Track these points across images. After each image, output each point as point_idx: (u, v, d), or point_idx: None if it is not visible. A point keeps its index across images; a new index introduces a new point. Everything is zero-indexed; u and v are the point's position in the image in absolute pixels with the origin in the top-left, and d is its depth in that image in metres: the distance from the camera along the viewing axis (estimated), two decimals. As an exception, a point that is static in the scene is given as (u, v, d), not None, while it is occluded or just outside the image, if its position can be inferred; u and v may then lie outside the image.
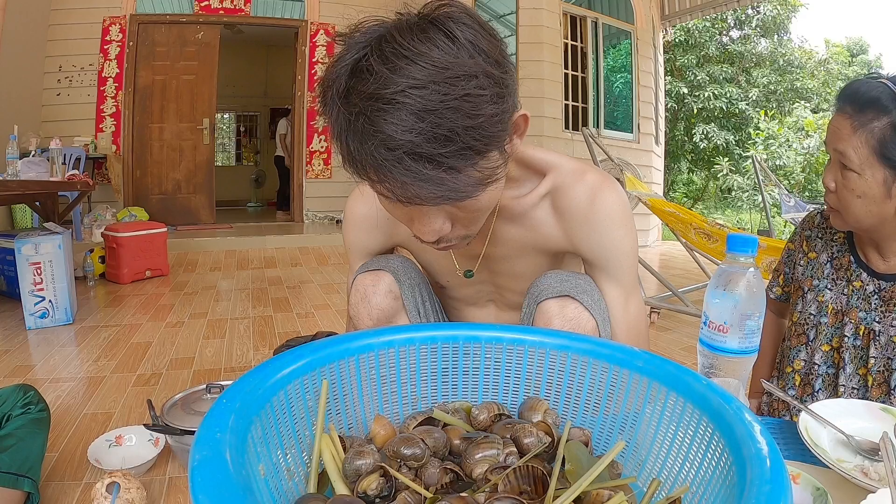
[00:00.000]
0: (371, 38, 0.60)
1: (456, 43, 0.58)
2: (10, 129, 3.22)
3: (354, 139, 0.59)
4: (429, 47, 0.57)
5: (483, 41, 0.60)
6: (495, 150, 0.63)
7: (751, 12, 11.75)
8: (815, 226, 1.09)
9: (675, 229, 3.26)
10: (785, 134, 10.38)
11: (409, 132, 0.56)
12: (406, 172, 0.58)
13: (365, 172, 0.61)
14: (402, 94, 0.56)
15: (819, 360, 1.03)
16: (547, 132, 5.89)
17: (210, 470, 0.39)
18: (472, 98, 0.57)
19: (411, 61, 0.56)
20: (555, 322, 0.82)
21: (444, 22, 0.59)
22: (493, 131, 0.60)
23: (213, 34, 5.93)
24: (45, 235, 2.71)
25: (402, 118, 0.56)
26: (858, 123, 0.87)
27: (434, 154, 0.57)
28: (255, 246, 5.37)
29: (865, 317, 0.97)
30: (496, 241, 0.89)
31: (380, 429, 0.61)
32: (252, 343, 2.55)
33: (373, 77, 0.57)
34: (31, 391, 1.29)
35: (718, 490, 0.47)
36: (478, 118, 0.58)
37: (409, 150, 0.57)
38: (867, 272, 0.99)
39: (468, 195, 0.63)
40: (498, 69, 0.60)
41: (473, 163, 0.60)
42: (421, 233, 0.69)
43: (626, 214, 0.86)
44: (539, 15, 5.84)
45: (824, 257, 1.05)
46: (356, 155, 0.60)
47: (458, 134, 0.57)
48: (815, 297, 1.04)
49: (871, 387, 0.96)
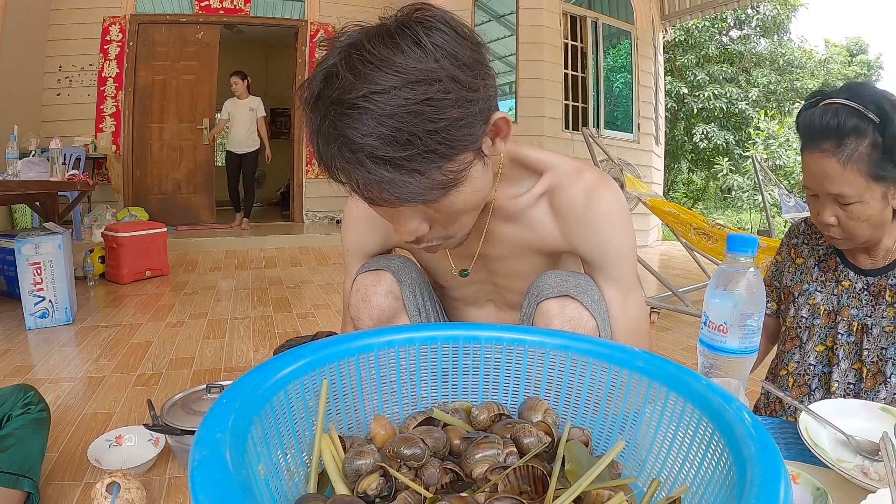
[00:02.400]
0: (345, 44, 0.61)
1: (422, 48, 0.59)
2: (10, 129, 3.22)
3: (322, 142, 0.62)
4: (394, 53, 0.58)
5: (454, 45, 0.60)
6: (463, 153, 0.63)
7: (751, 12, 11.75)
8: (801, 233, 1.11)
9: (675, 229, 3.26)
10: (785, 134, 10.39)
11: (370, 136, 0.58)
12: (367, 175, 0.60)
13: (335, 174, 0.64)
14: (363, 98, 0.57)
15: (813, 361, 1.05)
16: (547, 132, 5.89)
17: (210, 470, 0.39)
18: (435, 102, 0.58)
19: (376, 67, 0.58)
20: (555, 322, 0.82)
21: (414, 27, 0.60)
22: (457, 135, 0.61)
23: (213, 34, 5.93)
24: (45, 235, 2.71)
25: (364, 122, 0.58)
26: (844, 157, 0.87)
27: (394, 157, 0.58)
28: (255, 246, 5.37)
29: (857, 313, 1.00)
30: (492, 240, 0.89)
31: (380, 429, 0.61)
32: (252, 343, 2.55)
33: (338, 82, 0.59)
34: (31, 391, 1.29)
35: (718, 490, 0.47)
36: (440, 122, 0.58)
37: (370, 154, 0.59)
38: (854, 271, 1.01)
39: (432, 198, 0.64)
40: (468, 73, 0.61)
41: (437, 166, 0.61)
42: (399, 233, 0.72)
43: (623, 214, 0.86)
44: (539, 15, 5.84)
45: (811, 262, 1.08)
46: (325, 157, 0.63)
47: (420, 138, 0.58)
48: (806, 300, 1.06)
49: (865, 378, 0.98)
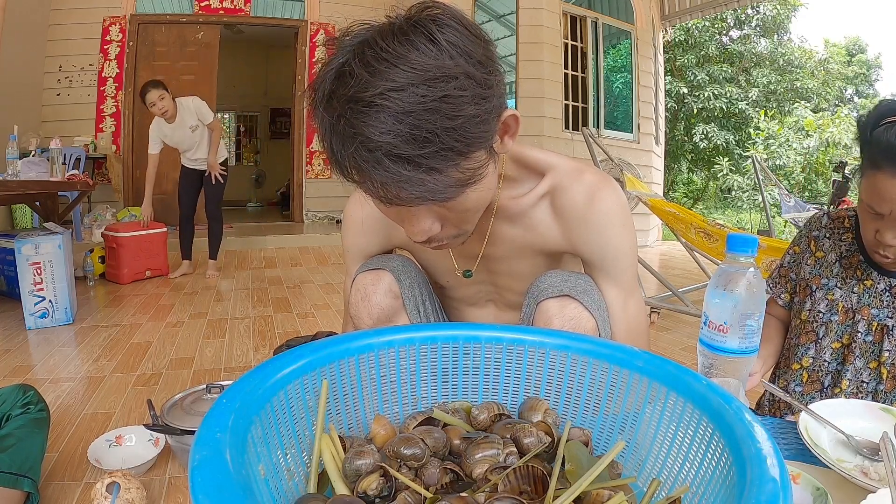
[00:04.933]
0: (356, 42, 0.61)
1: (437, 45, 0.58)
2: (10, 129, 3.22)
3: (337, 141, 0.61)
4: (408, 49, 0.58)
5: (467, 42, 0.60)
6: (479, 150, 0.63)
7: (751, 12, 11.76)
8: (823, 226, 1.10)
9: (675, 229, 3.26)
10: (785, 134, 10.39)
11: (388, 134, 0.57)
12: (385, 174, 0.59)
13: (349, 174, 0.63)
14: (380, 96, 0.57)
15: (828, 358, 1.05)
16: (547, 132, 5.89)
17: (210, 470, 0.39)
18: (452, 99, 0.58)
19: (391, 64, 0.57)
20: (555, 322, 0.82)
21: (427, 24, 0.60)
22: (474, 132, 0.60)
23: (213, 34, 5.93)
24: (45, 235, 2.71)
25: (381, 120, 0.57)
26: None
27: (413, 155, 0.58)
28: (255, 246, 5.37)
29: (878, 314, 0.99)
30: (494, 241, 0.89)
31: (380, 429, 0.61)
32: (252, 343, 2.55)
33: (353, 80, 0.58)
34: (30, 391, 1.30)
35: (718, 490, 0.47)
36: (457, 119, 0.58)
37: (388, 152, 0.58)
38: (878, 271, 1.00)
39: (450, 196, 0.63)
40: (481, 70, 0.61)
41: (455, 163, 0.61)
42: (411, 233, 0.70)
43: (624, 214, 0.86)
44: (539, 15, 5.84)
45: (833, 257, 1.06)
46: (339, 157, 0.62)
47: (438, 135, 0.58)
48: (825, 295, 1.05)
49: (885, 379, 0.99)
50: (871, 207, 0.90)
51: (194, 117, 3.69)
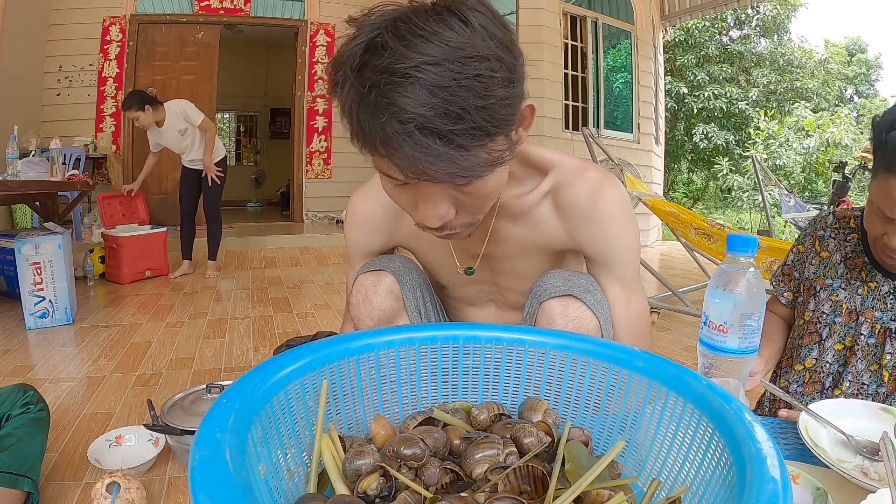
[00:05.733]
0: (385, 19, 0.61)
1: (469, 27, 0.59)
2: (10, 129, 3.23)
3: (366, 113, 0.59)
4: (443, 28, 0.58)
5: (495, 28, 0.61)
6: (503, 133, 0.63)
7: (751, 12, 11.76)
8: (828, 226, 1.09)
9: (675, 229, 3.26)
10: (785, 134, 10.39)
11: (422, 106, 0.56)
12: (416, 146, 0.58)
13: (374, 147, 0.61)
14: (416, 69, 0.56)
15: (831, 359, 1.04)
16: (547, 132, 5.89)
17: (210, 470, 0.39)
18: (484, 79, 0.58)
19: (426, 39, 0.57)
20: (557, 321, 0.82)
21: (459, 7, 0.60)
22: (502, 114, 0.61)
23: (213, 34, 5.93)
24: (45, 235, 2.71)
25: (416, 92, 0.56)
26: None
27: (445, 130, 0.58)
28: (255, 246, 5.37)
29: (881, 316, 0.99)
30: (497, 239, 0.89)
31: (380, 429, 0.61)
32: (252, 343, 2.55)
33: (388, 52, 0.58)
34: (30, 391, 1.29)
35: (718, 490, 0.47)
36: (488, 99, 0.58)
37: (421, 125, 0.57)
38: (882, 273, 1.00)
39: (476, 174, 0.63)
40: (509, 55, 0.62)
41: (482, 143, 0.61)
42: (425, 217, 0.69)
43: (627, 212, 0.86)
44: (539, 15, 5.84)
45: (837, 257, 1.06)
46: (366, 128, 0.60)
47: (469, 112, 0.57)
48: (829, 296, 1.05)
49: (887, 382, 0.99)
50: (881, 211, 0.89)
51: (181, 120, 3.68)
